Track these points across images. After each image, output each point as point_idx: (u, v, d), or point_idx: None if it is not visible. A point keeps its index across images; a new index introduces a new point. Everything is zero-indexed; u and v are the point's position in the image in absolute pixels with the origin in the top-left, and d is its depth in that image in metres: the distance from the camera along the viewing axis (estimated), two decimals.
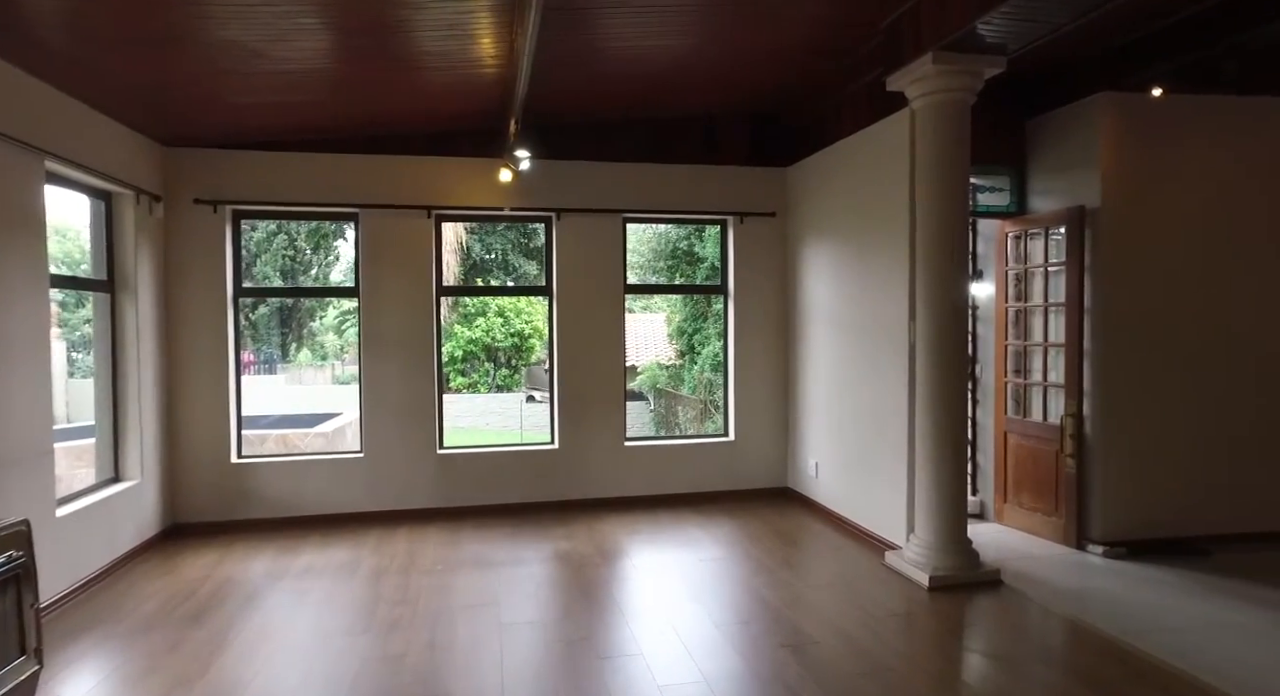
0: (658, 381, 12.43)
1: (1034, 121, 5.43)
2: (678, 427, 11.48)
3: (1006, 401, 5.62)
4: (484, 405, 13.21)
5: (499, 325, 13.18)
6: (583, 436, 5.97)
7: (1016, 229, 5.52)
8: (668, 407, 12.08)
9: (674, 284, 11.66)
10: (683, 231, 11.34)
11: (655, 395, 12.63)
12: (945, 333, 4.22)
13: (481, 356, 13.49)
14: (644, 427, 12.68)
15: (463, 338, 13.27)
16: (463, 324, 13.45)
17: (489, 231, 13.13)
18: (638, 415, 12.74)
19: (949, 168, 4.22)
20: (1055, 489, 5.17)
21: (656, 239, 11.94)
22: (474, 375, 13.63)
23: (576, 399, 5.96)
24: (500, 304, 13.31)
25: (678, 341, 11.86)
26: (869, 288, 5.02)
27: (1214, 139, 5.03)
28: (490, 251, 13.39)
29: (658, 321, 13.49)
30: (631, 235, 13.60)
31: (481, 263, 13.44)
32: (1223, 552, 4.83)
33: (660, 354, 12.93)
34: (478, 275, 13.48)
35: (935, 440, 4.24)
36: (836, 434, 5.49)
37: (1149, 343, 4.96)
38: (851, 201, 5.23)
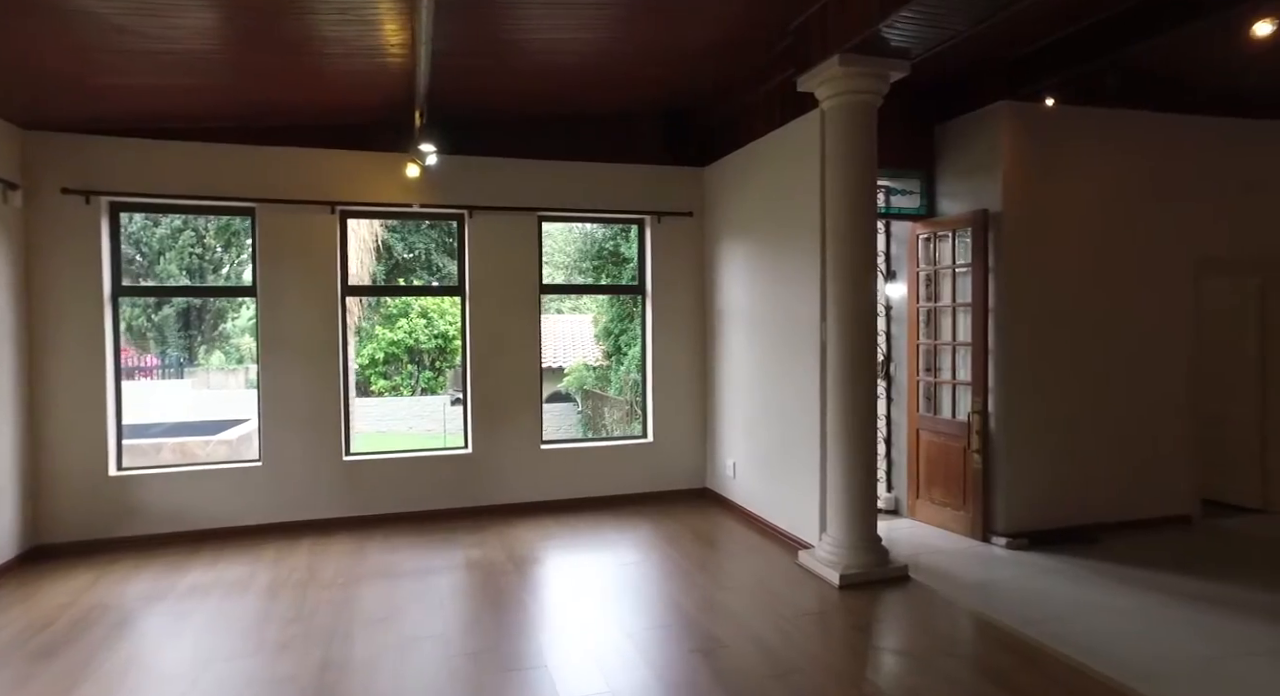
0: (585, 382, 12.30)
1: (942, 126, 5.56)
2: (605, 429, 11.37)
3: (919, 399, 5.74)
4: (408, 408, 12.78)
5: (422, 326, 12.78)
6: (498, 440, 5.78)
7: (926, 231, 5.64)
8: (595, 409, 11.96)
9: (591, 284, 11.51)
10: (609, 231, 11.24)
11: (583, 396, 12.49)
12: (855, 332, 4.25)
13: (404, 358, 13.05)
14: (571, 429, 12.52)
15: (384, 339, 12.82)
16: (384, 325, 12.98)
17: (412, 230, 12.71)
18: (564, 417, 12.57)
19: (857, 168, 4.25)
20: (963, 484, 5.30)
21: (582, 239, 11.80)
22: (396, 378, 13.18)
23: (491, 402, 5.77)
24: (424, 304, 12.91)
25: (604, 342, 11.75)
26: (783, 287, 5.02)
27: (1100, 147, 5.26)
28: (413, 251, 12.97)
29: (585, 322, 13.35)
30: (558, 235, 13.46)
31: (404, 262, 13.00)
32: (1110, 539, 5.08)
33: (587, 355, 12.80)
34: (400, 275, 13.04)
35: (845, 439, 4.25)
36: (753, 434, 5.48)
37: (1046, 341, 5.14)
38: (766, 201, 5.23)
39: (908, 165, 5.61)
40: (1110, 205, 5.29)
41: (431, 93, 4.59)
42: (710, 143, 6.04)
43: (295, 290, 5.33)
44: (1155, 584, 4.23)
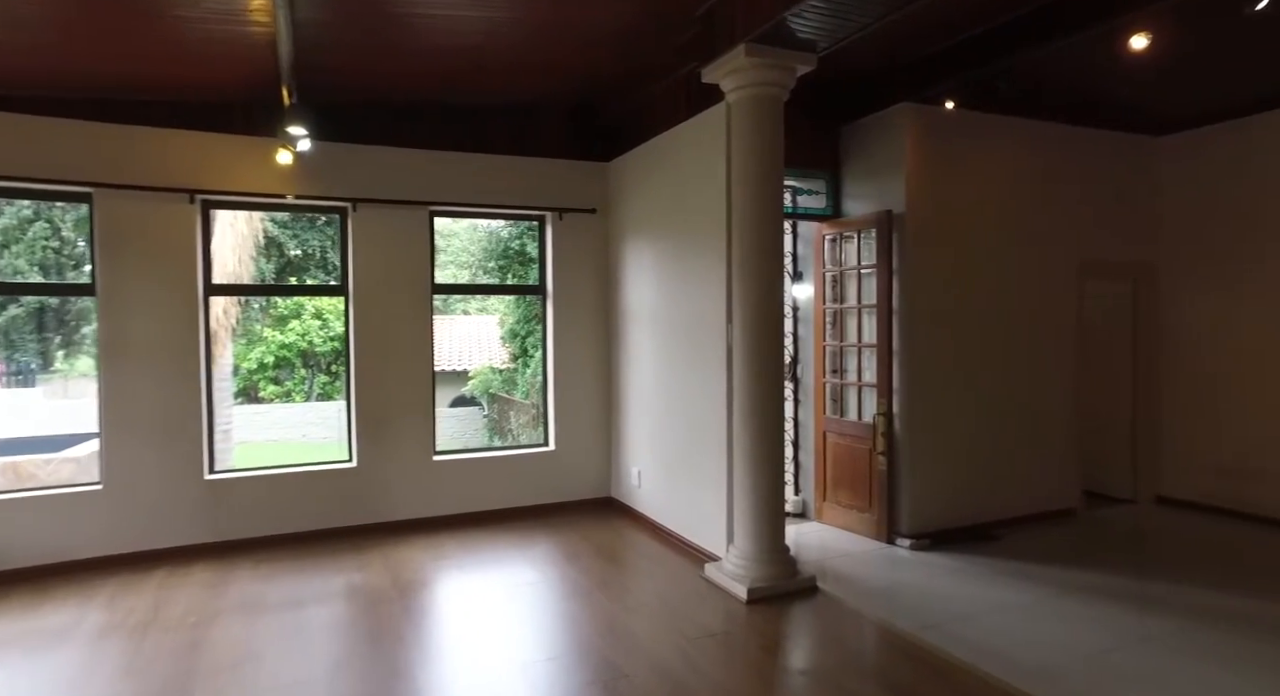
0: (491, 386, 11.75)
1: (848, 127, 5.47)
2: (511, 434, 10.88)
3: (825, 401, 5.62)
4: (301, 415, 11.86)
5: (316, 328, 11.89)
6: (385, 452, 5.26)
7: (833, 231, 5.53)
8: (501, 413, 11.45)
9: (489, 284, 10.93)
10: (515, 230, 10.76)
11: (489, 400, 11.94)
12: (761, 334, 4.03)
13: (297, 362, 12.10)
14: (477, 435, 11.96)
15: (275, 342, 11.84)
16: (274, 327, 12.00)
17: (305, 226, 11.80)
18: (470, 422, 12.00)
19: (763, 164, 4.03)
20: (869, 486, 5.21)
21: (487, 238, 11.26)
22: (289, 383, 12.21)
23: (379, 410, 5.24)
24: (319, 305, 12.01)
25: (511, 344, 11.25)
26: (688, 288, 4.76)
27: (996, 152, 5.30)
28: (306, 248, 12.05)
29: (491, 323, 12.79)
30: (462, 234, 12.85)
31: (296, 261, 12.06)
32: (1010, 536, 5.12)
33: (493, 357, 12.25)
34: (294, 274, 12.09)
35: (751, 446, 4.03)
36: (658, 441, 5.20)
37: (946, 342, 5.11)
38: (671, 198, 4.96)
39: (814, 165, 5.50)
40: (1005, 209, 5.33)
41: (302, 68, 4.07)
42: (615, 136, 5.73)
43: (145, 289, 4.65)
44: (1048, 578, 4.30)
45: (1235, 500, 5.45)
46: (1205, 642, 3.46)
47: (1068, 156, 5.55)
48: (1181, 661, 3.28)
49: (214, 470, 4.93)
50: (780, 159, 4.08)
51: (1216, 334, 5.58)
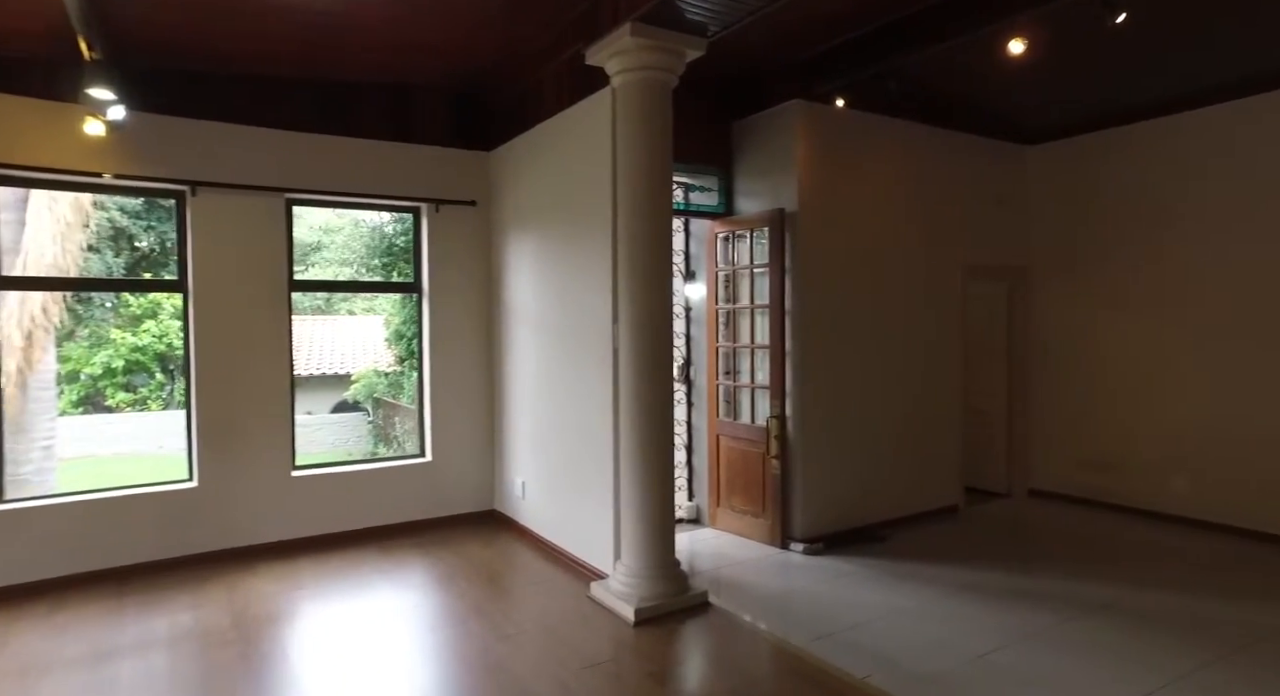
0: (376, 389, 10.91)
1: (740, 123, 5.27)
2: (397, 440, 10.12)
3: (719, 404, 5.40)
4: (157, 425, 10.58)
5: (176, 329, 10.63)
6: (234, 468, 4.57)
7: (725, 230, 5.32)
8: (387, 419, 10.65)
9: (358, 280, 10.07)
10: (402, 225, 10.01)
11: (374, 405, 11.10)
12: (648, 335, 3.71)
13: (153, 367, 10.80)
14: (361, 441, 11.09)
15: (126, 345, 10.50)
16: (126, 328, 10.66)
17: (160, 216, 10.53)
18: (353, 428, 11.12)
19: (651, 153, 3.72)
20: (762, 491, 5.02)
21: (370, 234, 10.43)
22: (143, 390, 10.88)
23: (225, 422, 4.54)
24: (177, 304, 10.75)
25: (396, 346, 10.48)
26: (573, 286, 4.39)
27: (886, 153, 5.25)
28: (165, 241, 10.76)
29: (377, 323, 11.91)
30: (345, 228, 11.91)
31: (153, 255, 10.75)
32: (896, 536, 5.09)
33: (379, 359, 11.40)
34: (149, 269, 10.77)
35: (639, 454, 3.70)
36: (542, 449, 4.79)
37: (836, 343, 5.00)
38: (554, 190, 4.57)
39: (707, 162, 5.27)
40: (894, 210, 5.29)
41: (111, 19, 3.39)
42: (498, 123, 5.26)
43: None
44: (935, 578, 4.27)
45: (1097, 491, 5.66)
46: (1084, 636, 3.48)
47: (951, 160, 5.59)
48: (1064, 657, 3.27)
49: (3, 499, 4.09)
50: (669, 149, 3.78)
51: (1081, 334, 5.78)
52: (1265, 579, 4.31)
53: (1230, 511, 4.99)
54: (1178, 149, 5.21)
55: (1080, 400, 5.78)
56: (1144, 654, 3.29)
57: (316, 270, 11.78)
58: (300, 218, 12.11)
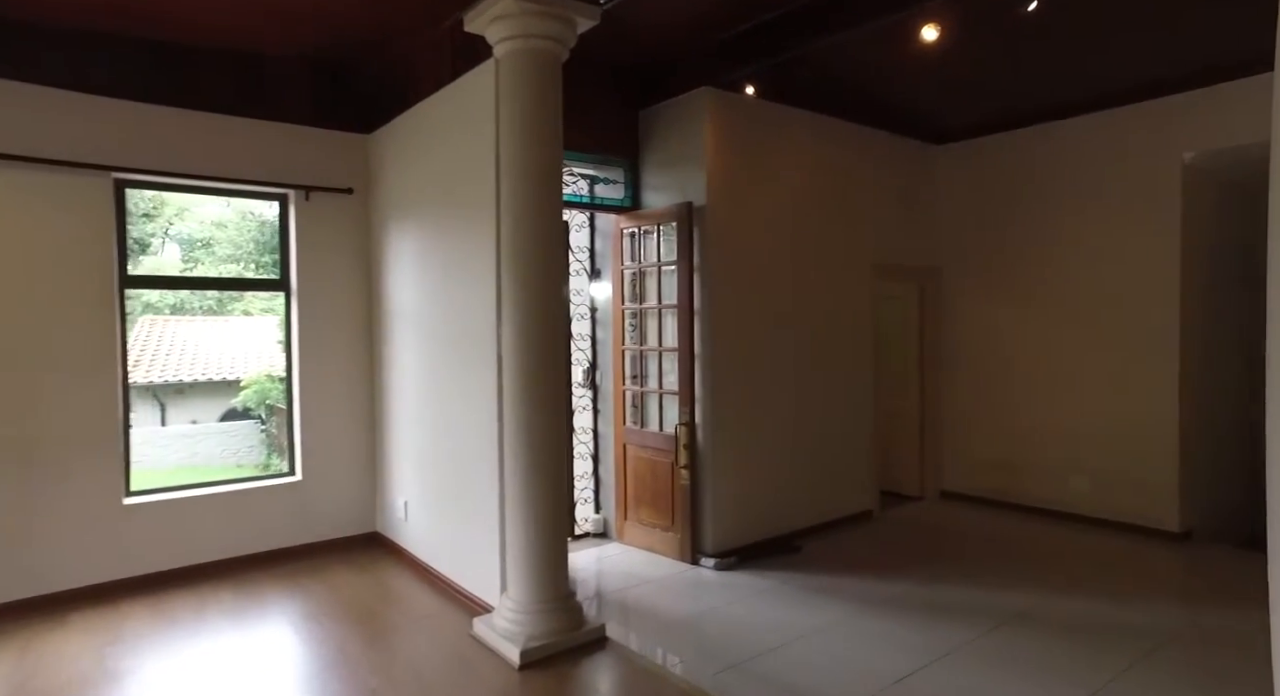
0: (269, 396, 9.92)
1: (647, 112, 4.85)
2: None
3: (626, 410, 4.97)
4: None
5: None
6: (39, 499, 3.73)
7: (632, 225, 4.88)
8: (281, 427, 9.70)
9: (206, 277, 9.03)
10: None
11: (268, 412, 10.10)
12: (537, 337, 3.22)
13: None
14: (252, 451, 10.08)
15: None
16: None
17: None
18: (244, 437, 10.10)
19: (539, 134, 3.22)
20: (671, 503, 4.62)
21: (259, 228, 9.45)
22: None
23: (31, 444, 3.73)
24: None
25: None
26: (455, 284, 3.84)
27: (797, 147, 4.95)
28: None
29: (269, 325, 10.87)
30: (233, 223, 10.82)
31: None
32: (811, 545, 4.82)
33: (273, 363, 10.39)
34: None
35: (527, 472, 3.20)
36: (427, 465, 4.20)
37: (747, 345, 4.66)
38: (436, 176, 4.00)
39: (613, 153, 4.83)
40: (806, 206, 4.99)
41: None
42: (376, 102, 4.62)
43: None
44: (850, 591, 4.02)
45: (1005, 491, 5.54)
46: (1003, 649, 3.30)
47: (863, 157, 5.35)
48: (986, 674, 3.07)
49: None
50: (558, 129, 3.30)
51: (988, 334, 5.65)
52: (1161, 577, 4.30)
53: (1125, 509, 4.93)
54: (1073, 151, 5.13)
55: (988, 401, 5.65)
56: (1062, 665, 3.14)
57: (205, 268, 10.67)
58: (189, 210, 10.93)
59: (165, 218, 10.61)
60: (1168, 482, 4.75)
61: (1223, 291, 5.22)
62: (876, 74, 4.81)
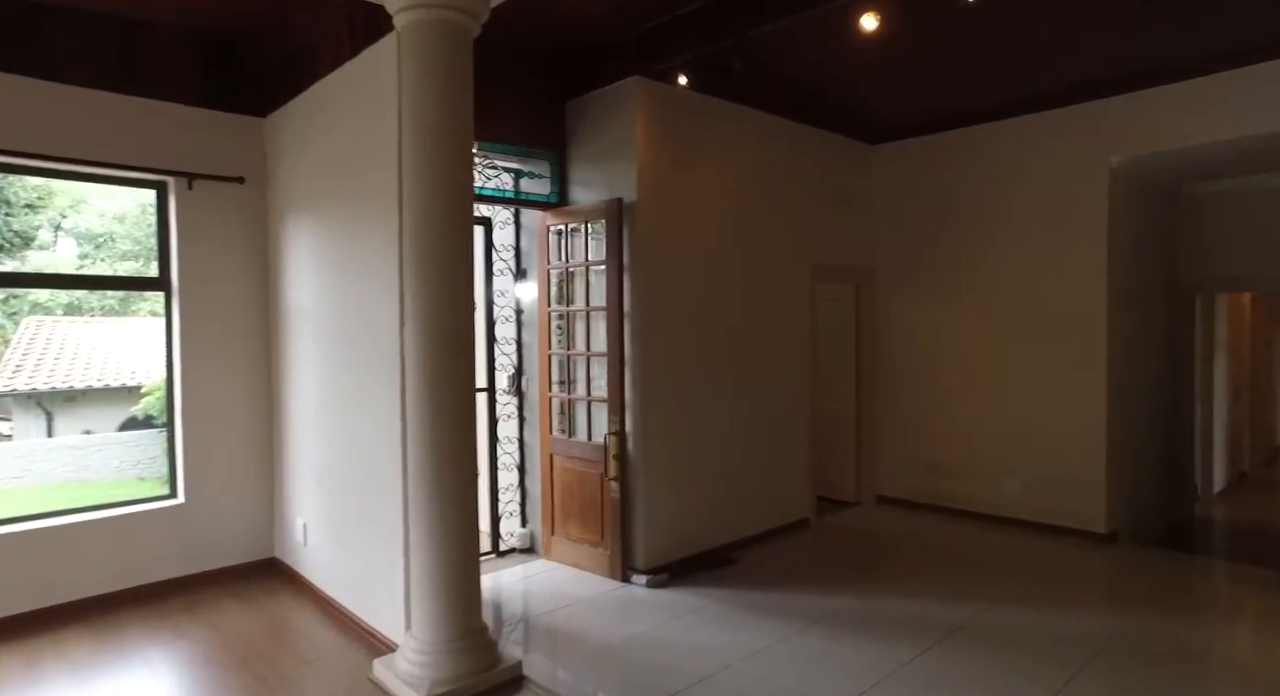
0: None
1: (575, 102, 4.51)
2: None
3: (552, 419, 4.62)
4: None
5: None
6: None
7: (558, 222, 4.54)
8: None
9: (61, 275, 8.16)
10: None
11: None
12: (441, 343, 2.84)
13: None
14: (155, 464, 9.20)
15: None
16: None
17: None
18: (145, 448, 9.21)
19: (445, 116, 2.85)
20: (601, 517, 4.29)
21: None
22: None
23: None
24: None
25: None
26: (356, 282, 3.41)
27: (732, 142, 4.70)
28: None
29: None
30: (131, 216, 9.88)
31: None
32: (748, 557, 4.58)
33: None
34: None
35: (432, 492, 2.82)
36: (327, 483, 3.73)
37: (679, 349, 4.38)
38: (337, 164, 3.56)
39: (539, 145, 4.48)
40: (741, 204, 4.75)
41: None
42: (272, 82, 4.11)
43: None
44: (788, 608, 3.79)
45: (940, 495, 5.45)
46: (943, 668, 3.13)
47: (800, 155, 5.15)
48: None
49: None
50: (469, 112, 2.93)
51: (923, 336, 5.55)
52: (1093, 581, 4.26)
53: (1055, 511, 4.89)
54: (1004, 153, 5.06)
55: (922, 404, 5.54)
56: (1004, 682, 2.99)
57: (102, 266, 9.70)
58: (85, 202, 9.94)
59: (56, 209, 9.59)
60: (1095, 484, 4.72)
61: (1146, 295, 5.27)
62: (815, 71, 4.62)
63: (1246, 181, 5.43)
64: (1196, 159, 4.76)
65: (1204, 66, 4.21)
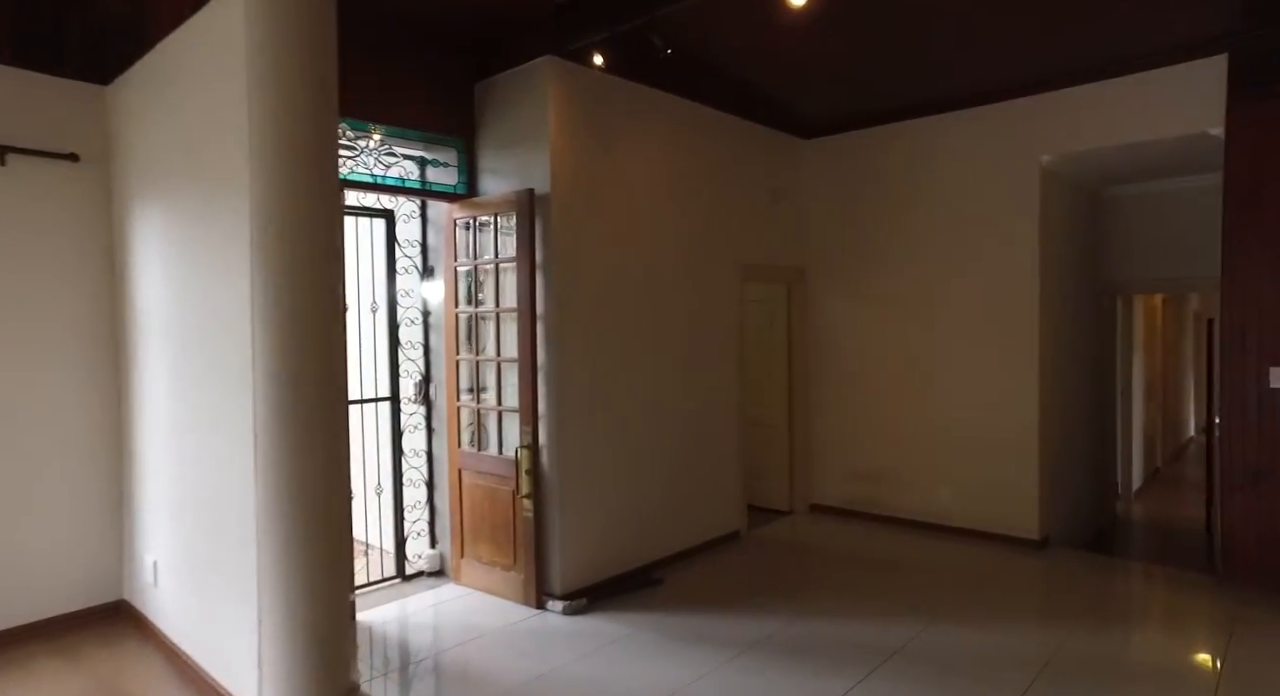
0: None
1: (484, 85, 4.04)
2: None
3: (461, 430, 4.12)
4: None
5: None
6: None
7: (466, 214, 4.05)
8: None
9: None
10: None
11: None
12: (301, 351, 2.33)
13: None
14: None
15: None
16: None
17: None
18: None
19: (301, 81, 2.34)
20: (513, 538, 3.83)
21: None
22: None
23: None
24: None
25: None
26: (206, 280, 2.82)
27: (654, 132, 4.30)
28: None
29: None
30: None
31: None
32: (675, 576, 4.19)
33: None
34: None
35: (288, 528, 2.31)
36: (180, 514, 3.09)
37: (598, 354, 3.95)
38: (183, 139, 2.95)
39: (445, 130, 4.00)
40: (667, 199, 4.35)
41: None
42: (107, 43, 3.41)
43: None
44: (716, 634, 3.43)
45: (874, 503, 5.17)
46: None
47: (730, 148, 4.79)
48: None
49: None
50: (332, 74, 2.42)
51: (854, 339, 5.26)
52: (1028, 592, 4.07)
53: (989, 518, 4.67)
54: (937, 149, 4.82)
55: (856, 409, 5.25)
56: None
57: None
58: None
59: None
60: (1028, 489, 4.52)
61: (1073, 297, 5.13)
62: (743, 57, 4.26)
63: (1160, 185, 5.38)
64: (1120, 160, 4.63)
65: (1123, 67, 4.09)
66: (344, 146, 3.69)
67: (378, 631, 3.55)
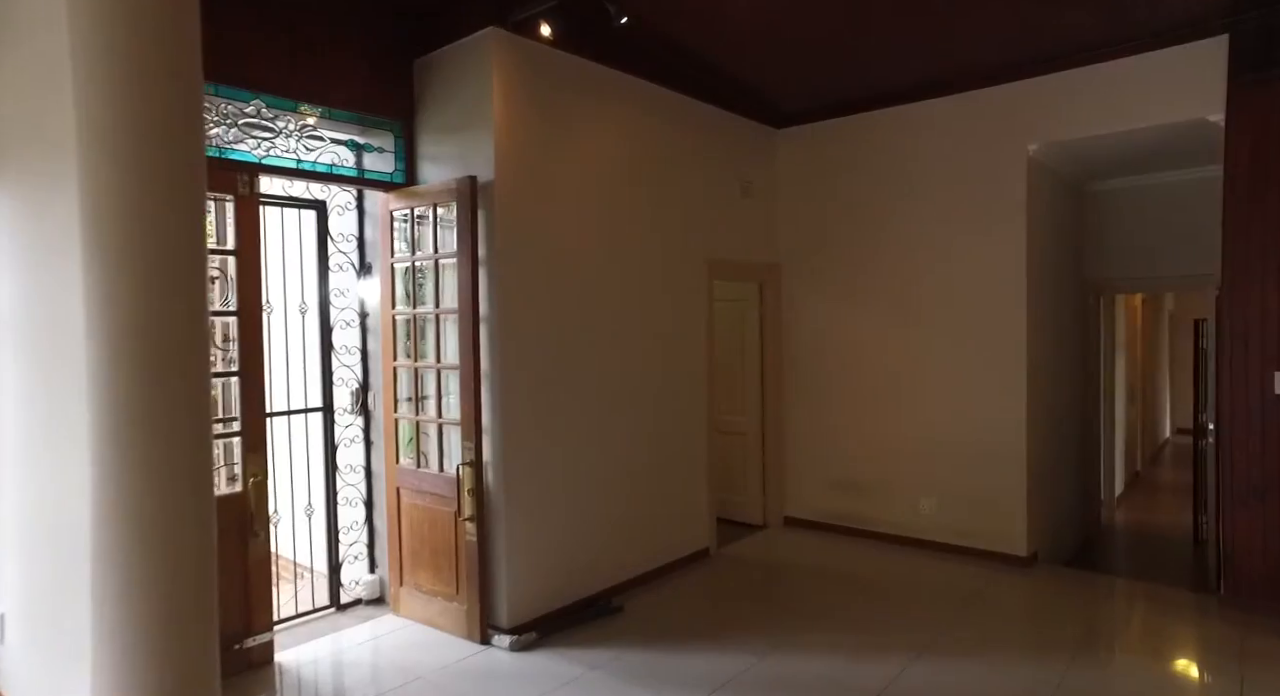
0: None
1: (424, 62, 3.58)
2: None
3: (399, 444, 3.65)
4: None
5: None
6: None
7: (403, 205, 3.58)
8: None
9: None
10: None
11: None
12: (146, 363, 1.85)
13: None
14: None
15: None
16: None
17: None
18: None
19: (152, 39, 1.86)
20: (456, 564, 3.37)
21: None
22: None
23: None
24: None
25: None
26: (43, 278, 2.31)
27: (612, 115, 3.85)
28: None
29: None
30: None
31: None
32: (635, 602, 3.75)
33: None
34: None
35: (121, 573, 1.83)
36: (33, 555, 2.57)
37: (550, 360, 3.51)
38: (23, 102, 2.43)
39: (380, 112, 3.54)
40: (627, 189, 3.91)
41: None
42: None
43: None
44: (680, 673, 3.03)
45: (853, 517, 4.76)
46: None
47: (696, 135, 4.35)
48: None
49: None
50: (195, 31, 1.94)
51: (832, 341, 4.85)
52: (1020, 618, 3.66)
53: (976, 533, 4.28)
54: (920, 138, 4.41)
55: (834, 414, 4.83)
56: None
57: None
58: None
59: None
60: (1016, 503, 4.14)
61: (1059, 296, 4.77)
62: (710, 37, 3.82)
63: (1147, 179, 5.04)
64: (1110, 150, 4.27)
65: (1117, 49, 3.73)
66: (260, 126, 3.22)
67: (299, 674, 3.09)
